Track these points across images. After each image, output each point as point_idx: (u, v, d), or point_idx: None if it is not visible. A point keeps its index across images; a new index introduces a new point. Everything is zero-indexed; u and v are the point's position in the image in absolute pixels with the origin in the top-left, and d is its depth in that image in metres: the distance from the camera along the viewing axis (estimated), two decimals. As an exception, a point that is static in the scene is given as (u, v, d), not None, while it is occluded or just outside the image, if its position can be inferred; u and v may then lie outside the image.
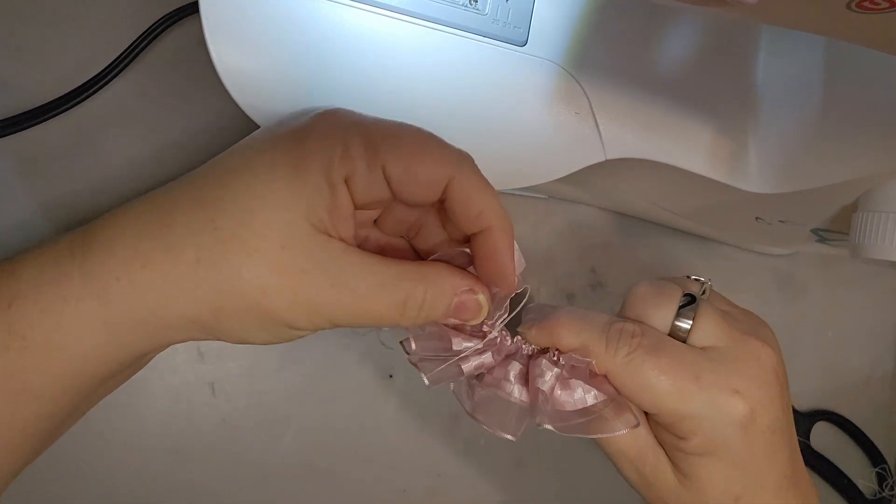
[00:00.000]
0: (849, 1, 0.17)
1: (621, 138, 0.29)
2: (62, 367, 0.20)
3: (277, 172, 0.20)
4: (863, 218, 0.27)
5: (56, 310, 0.20)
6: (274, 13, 0.25)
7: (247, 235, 0.20)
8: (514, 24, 0.28)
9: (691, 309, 0.25)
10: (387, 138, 0.21)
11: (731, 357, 0.25)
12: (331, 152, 0.21)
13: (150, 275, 0.20)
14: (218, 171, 0.21)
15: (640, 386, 0.24)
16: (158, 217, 0.21)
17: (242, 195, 0.20)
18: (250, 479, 0.33)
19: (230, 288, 0.20)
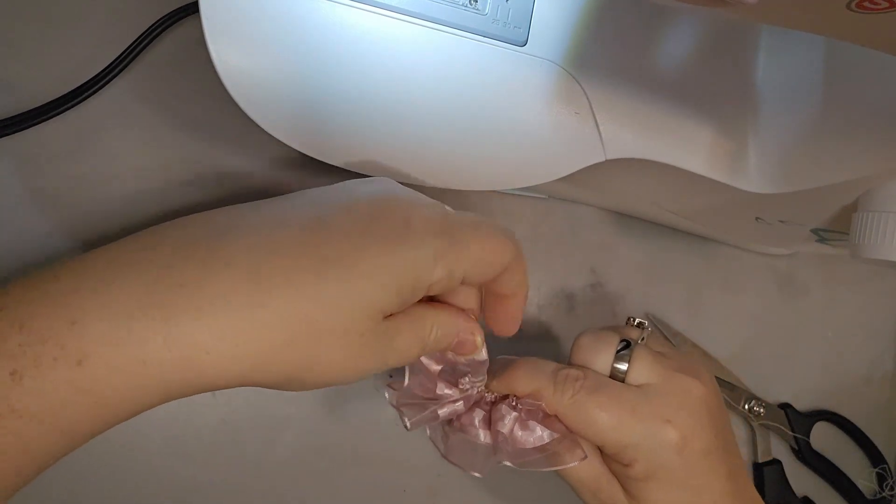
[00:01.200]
0: (849, 1, 0.17)
1: (621, 138, 0.29)
2: (123, 417, 0.20)
3: (374, 274, 0.22)
4: (863, 218, 0.27)
5: (133, 373, 0.19)
6: (274, 13, 0.25)
7: (335, 326, 0.22)
8: (514, 24, 0.28)
9: (627, 353, 0.29)
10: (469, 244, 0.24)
11: (663, 391, 0.28)
12: (425, 265, 0.23)
13: (242, 352, 0.20)
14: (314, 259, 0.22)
15: (585, 422, 0.27)
16: (252, 295, 0.21)
17: (337, 291, 0.21)
18: (250, 480, 0.33)
19: (309, 366, 0.22)
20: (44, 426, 0.19)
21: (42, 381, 0.19)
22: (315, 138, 0.27)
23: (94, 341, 0.19)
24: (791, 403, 0.44)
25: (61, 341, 0.19)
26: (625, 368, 0.29)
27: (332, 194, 0.24)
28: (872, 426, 0.45)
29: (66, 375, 0.19)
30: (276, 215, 0.23)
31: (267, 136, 0.27)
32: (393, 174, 0.29)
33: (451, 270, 0.23)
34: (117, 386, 0.19)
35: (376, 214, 0.23)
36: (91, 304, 0.19)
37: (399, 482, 0.36)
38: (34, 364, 0.18)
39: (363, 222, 0.23)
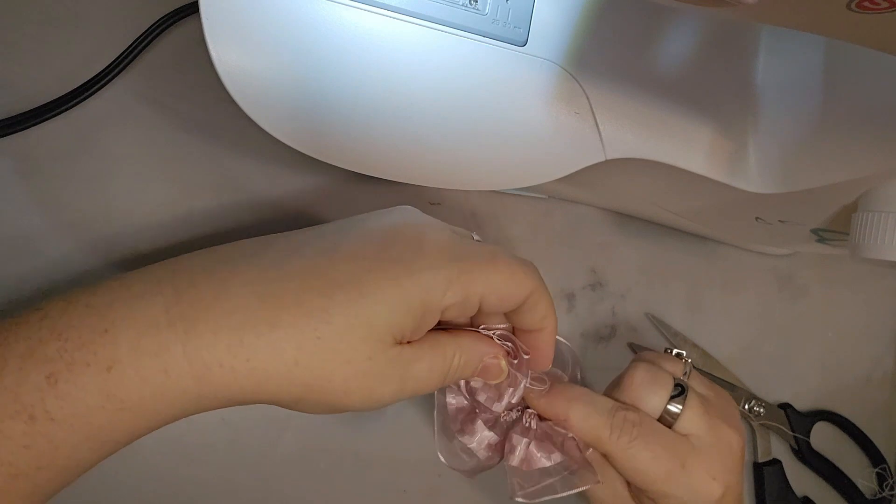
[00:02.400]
0: (849, 1, 0.17)
1: (621, 138, 0.29)
2: (149, 426, 0.22)
3: (380, 294, 0.22)
4: (863, 218, 0.27)
5: (156, 381, 0.21)
6: (274, 13, 0.25)
7: (344, 347, 0.22)
8: (514, 24, 0.28)
9: (682, 398, 0.29)
10: (483, 270, 0.24)
11: (709, 444, 0.29)
12: (435, 288, 0.23)
13: (253, 369, 0.21)
14: (324, 281, 0.22)
15: (636, 469, 0.28)
16: (264, 313, 0.22)
17: (346, 311, 0.22)
18: (250, 480, 0.33)
19: (319, 387, 0.22)
20: (74, 431, 0.20)
21: (74, 384, 0.20)
22: (315, 138, 0.27)
23: (123, 349, 0.20)
24: (791, 403, 0.44)
25: (94, 347, 0.20)
26: (677, 412, 0.29)
27: (351, 224, 0.25)
28: (872, 426, 0.45)
29: (96, 380, 0.20)
30: (296, 244, 0.24)
31: (267, 136, 0.27)
32: (393, 174, 0.29)
33: (465, 295, 0.24)
34: (142, 393, 0.21)
35: (388, 239, 0.24)
36: (122, 316, 0.21)
37: (399, 482, 0.36)
38: (68, 368, 0.20)
39: (374, 247, 0.23)
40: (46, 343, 0.20)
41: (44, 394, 0.20)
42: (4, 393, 0.19)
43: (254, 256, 0.23)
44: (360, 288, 0.22)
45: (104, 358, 0.20)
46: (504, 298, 0.25)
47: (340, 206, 0.35)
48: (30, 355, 0.20)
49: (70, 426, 0.20)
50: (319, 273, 0.23)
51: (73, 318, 0.21)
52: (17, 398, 0.20)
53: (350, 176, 0.35)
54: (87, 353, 0.20)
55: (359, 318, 0.22)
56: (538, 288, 0.26)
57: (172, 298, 0.22)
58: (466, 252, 0.24)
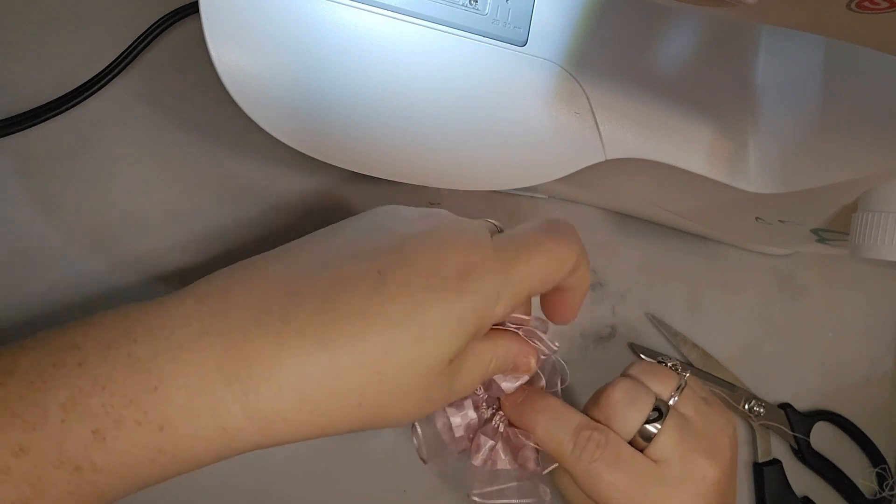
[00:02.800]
0: (849, 1, 0.17)
1: (621, 138, 0.29)
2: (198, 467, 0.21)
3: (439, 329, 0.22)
4: (863, 218, 0.27)
5: (213, 438, 0.21)
6: (274, 13, 0.25)
7: (404, 384, 0.22)
8: (514, 24, 0.28)
9: (659, 422, 0.28)
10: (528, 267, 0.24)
11: (680, 475, 0.28)
12: (487, 306, 0.23)
13: (316, 418, 0.22)
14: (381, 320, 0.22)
15: (596, 492, 0.27)
16: (321, 360, 0.21)
17: (405, 350, 0.22)
18: (250, 479, 0.33)
19: (376, 419, 0.23)
20: (121, 480, 0.20)
21: (124, 442, 0.20)
22: (315, 138, 0.27)
23: (176, 409, 0.20)
24: (791, 403, 0.44)
25: (144, 406, 0.20)
26: (654, 432, 0.28)
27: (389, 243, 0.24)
28: (872, 426, 0.45)
29: (148, 439, 0.20)
30: (336, 276, 0.22)
31: (267, 136, 0.26)
32: (393, 174, 0.29)
33: (515, 299, 0.24)
34: (197, 450, 0.21)
35: (436, 267, 0.23)
36: (171, 371, 0.20)
37: (399, 482, 0.36)
38: (116, 426, 0.19)
39: (423, 277, 0.23)
40: (89, 395, 0.19)
41: (90, 449, 0.19)
42: (47, 442, 0.19)
43: (299, 296, 0.22)
44: (417, 325, 0.22)
45: (155, 417, 0.20)
46: (553, 281, 0.25)
47: (340, 206, 0.35)
48: (73, 407, 0.19)
49: (117, 477, 0.20)
50: (374, 313, 0.22)
51: (115, 370, 0.20)
52: (61, 450, 0.19)
53: (350, 176, 0.35)
54: (137, 412, 0.20)
55: (420, 353, 0.22)
56: (580, 257, 0.26)
57: (225, 352, 0.21)
58: (508, 258, 0.24)
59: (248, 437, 0.21)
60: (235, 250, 0.33)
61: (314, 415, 0.21)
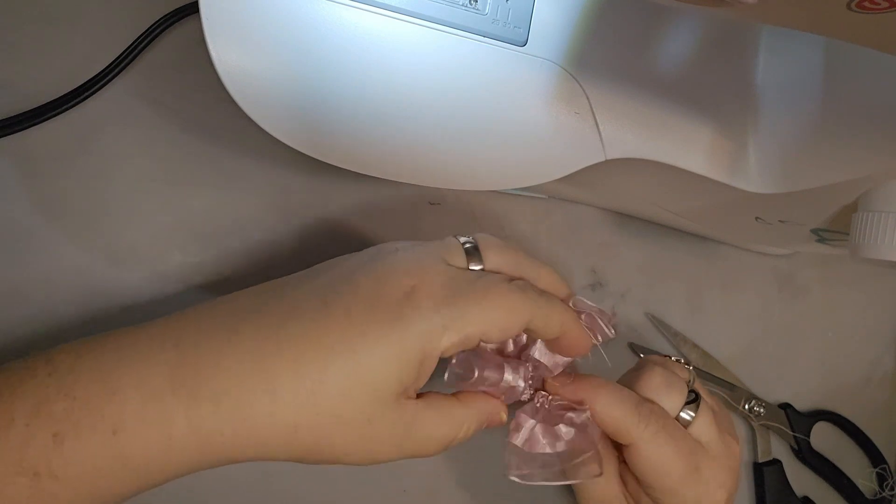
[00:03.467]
0: (849, 1, 0.17)
1: (621, 138, 0.29)
2: (151, 483, 0.22)
3: (378, 356, 0.22)
4: (863, 218, 0.27)
5: (160, 446, 0.21)
6: (274, 13, 0.25)
7: (343, 412, 0.22)
8: (514, 24, 0.28)
9: (695, 405, 0.29)
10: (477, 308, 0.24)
11: (719, 453, 0.29)
12: (431, 336, 0.23)
13: (255, 439, 0.22)
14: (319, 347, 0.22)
15: (656, 463, 0.27)
16: (260, 381, 0.22)
17: (343, 377, 0.22)
18: (250, 479, 0.33)
19: (319, 450, 0.23)
20: (77, 491, 0.21)
21: (80, 445, 0.20)
22: (315, 138, 0.27)
23: (128, 414, 0.21)
24: (791, 403, 0.44)
25: (101, 410, 0.21)
26: (688, 419, 0.29)
27: (340, 273, 0.25)
28: (872, 426, 0.45)
29: (101, 442, 0.21)
30: (289, 303, 0.24)
31: (267, 136, 0.27)
32: (393, 174, 0.29)
33: (462, 336, 0.23)
34: (147, 456, 0.21)
35: (378, 294, 0.23)
36: (128, 379, 0.21)
37: (399, 482, 0.36)
38: (74, 429, 0.20)
39: (365, 304, 0.23)
40: (54, 401, 0.20)
41: (49, 453, 0.20)
42: (10, 451, 0.20)
43: (247, 320, 0.23)
44: (354, 353, 0.22)
45: (110, 421, 0.21)
46: (505, 329, 0.24)
47: (340, 206, 0.35)
48: (36, 413, 0.20)
49: (74, 485, 0.20)
50: (314, 339, 0.22)
51: (80, 376, 0.21)
52: (23, 456, 0.20)
53: (350, 176, 0.35)
54: (94, 415, 0.21)
55: (356, 383, 0.22)
56: (538, 307, 0.25)
57: (176, 362, 0.22)
58: (458, 293, 0.24)
59: (193, 449, 0.22)
60: (235, 250, 0.33)
61: (250, 433, 0.22)
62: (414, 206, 0.36)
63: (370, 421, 0.23)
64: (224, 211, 0.33)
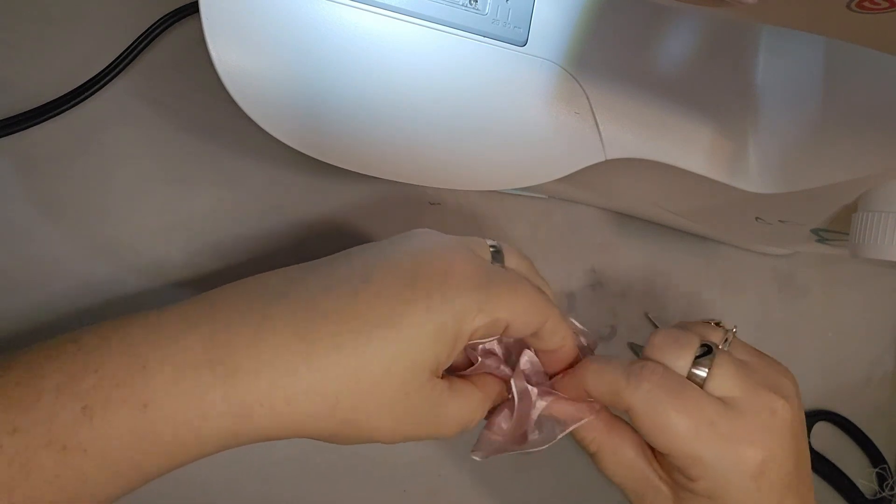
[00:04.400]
0: (849, 1, 0.17)
1: (621, 138, 0.29)
2: (180, 462, 0.22)
3: (419, 331, 0.23)
4: (863, 218, 0.27)
5: (193, 423, 0.21)
6: (274, 13, 0.25)
7: (383, 386, 0.23)
8: (514, 24, 0.28)
9: (708, 359, 0.26)
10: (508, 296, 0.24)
11: (747, 408, 0.25)
12: (466, 314, 0.23)
13: (293, 410, 0.22)
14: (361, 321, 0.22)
15: (659, 424, 0.25)
16: (300, 353, 0.22)
17: (384, 351, 0.22)
18: (250, 478, 0.33)
19: (356, 422, 0.23)
20: (104, 466, 0.20)
21: (109, 420, 0.20)
22: (315, 138, 0.27)
23: (160, 389, 0.21)
24: (791, 403, 0.44)
25: (132, 386, 0.20)
26: (704, 375, 0.26)
27: (376, 252, 0.25)
28: (872, 426, 0.45)
29: (131, 418, 0.20)
30: (324, 280, 0.24)
31: (267, 136, 0.27)
32: (393, 174, 0.29)
33: (494, 318, 0.24)
34: (177, 433, 0.21)
35: (418, 271, 0.24)
36: (159, 355, 0.21)
37: (399, 482, 0.36)
38: (104, 404, 0.20)
39: (405, 280, 0.23)
40: (82, 377, 0.20)
41: (78, 426, 0.20)
42: (38, 424, 0.20)
43: (284, 297, 0.23)
44: (396, 327, 0.22)
45: (141, 396, 0.20)
46: (527, 323, 0.25)
47: (340, 206, 0.35)
48: (65, 388, 0.20)
49: (101, 460, 0.20)
50: (355, 313, 0.23)
51: (109, 353, 0.21)
52: (50, 429, 0.20)
53: (350, 175, 0.35)
54: (124, 391, 0.20)
55: (397, 356, 0.22)
56: (555, 314, 0.26)
57: (209, 340, 0.22)
58: (491, 278, 0.25)
59: (227, 424, 0.21)
60: (235, 250, 0.33)
61: (288, 406, 0.22)
62: (414, 206, 0.36)
63: (407, 395, 0.23)
64: (224, 211, 0.33)
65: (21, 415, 0.20)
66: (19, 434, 0.19)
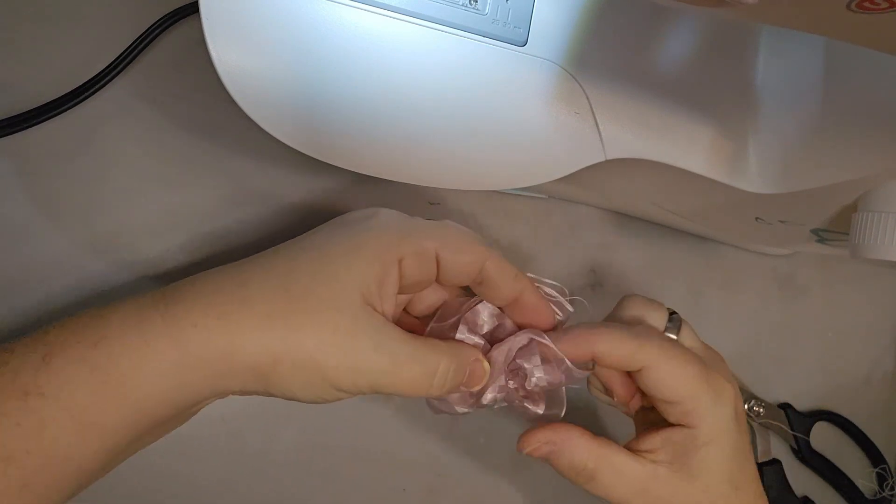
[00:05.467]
0: (849, 1, 0.17)
1: (621, 138, 0.29)
2: (133, 403, 0.22)
3: (338, 250, 0.25)
4: (862, 218, 0.27)
5: (137, 350, 0.22)
6: (274, 13, 0.25)
7: (311, 300, 0.23)
8: (514, 24, 0.28)
9: (675, 323, 0.30)
10: (435, 231, 0.26)
11: (710, 357, 0.30)
12: (389, 239, 0.25)
13: (225, 323, 0.23)
14: (291, 250, 0.25)
15: (675, 373, 0.27)
16: (235, 279, 0.24)
17: (309, 267, 0.24)
18: (250, 478, 0.33)
19: (293, 341, 0.23)
20: (60, 408, 0.21)
21: (64, 360, 0.22)
22: (315, 138, 0.27)
23: (111, 327, 0.22)
24: (791, 403, 0.44)
25: (86, 331, 0.22)
26: (676, 336, 0.29)
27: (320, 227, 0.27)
28: (872, 426, 0.45)
29: (83, 354, 0.22)
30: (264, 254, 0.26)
31: (267, 136, 0.27)
32: (393, 174, 0.29)
33: (419, 245, 0.25)
34: (123, 364, 0.22)
35: (344, 219, 0.27)
36: (114, 307, 0.23)
37: (399, 481, 0.36)
38: (61, 348, 0.22)
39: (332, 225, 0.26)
40: (48, 333, 0.22)
41: (38, 371, 0.21)
42: (7, 374, 0.21)
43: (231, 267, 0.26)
44: (321, 250, 0.25)
45: (93, 335, 0.22)
46: (458, 254, 0.26)
47: (340, 206, 0.35)
48: (32, 342, 0.22)
49: (56, 401, 0.21)
50: (287, 249, 0.25)
51: (76, 319, 0.23)
52: (15, 378, 0.21)
53: (350, 176, 0.35)
54: (79, 335, 0.22)
55: (321, 274, 0.24)
56: (492, 253, 0.27)
57: (159, 293, 0.24)
58: (415, 220, 0.27)
59: (166, 351, 0.22)
60: (235, 250, 0.33)
61: (223, 321, 0.23)
62: (414, 206, 0.36)
63: (339, 311, 0.23)
64: (224, 211, 0.33)
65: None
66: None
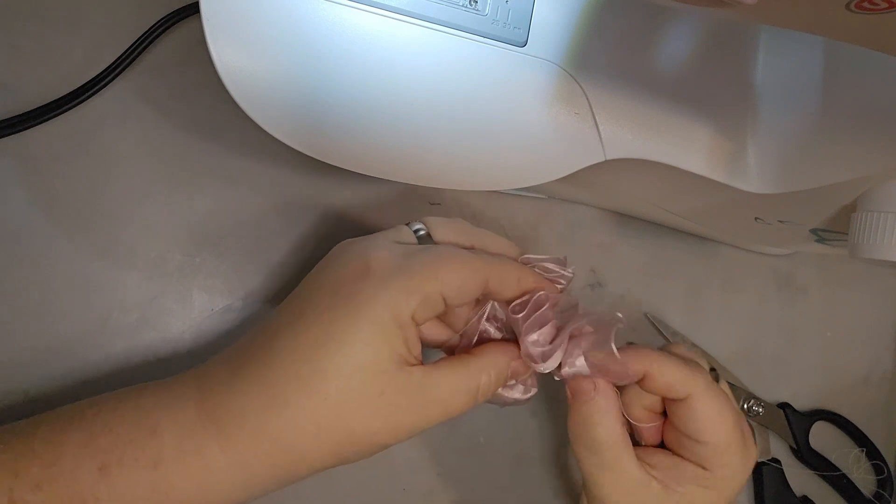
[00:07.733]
0: (848, 1, 0.17)
1: (621, 138, 0.29)
2: None
3: (356, 338, 0.24)
4: (862, 218, 0.27)
5: (199, 477, 0.23)
6: (274, 13, 0.25)
7: (354, 396, 0.23)
8: (514, 24, 0.28)
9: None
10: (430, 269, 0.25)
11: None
12: (396, 301, 0.24)
13: (281, 447, 0.23)
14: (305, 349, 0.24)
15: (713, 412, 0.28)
16: (274, 393, 0.23)
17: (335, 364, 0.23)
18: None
19: (348, 441, 0.24)
20: None
21: (124, 477, 0.22)
22: (315, 138, 0.27)
23: (168, 448, 0.23)
24: (790, 403, 0.44)
25: (142, 445, 0.23)
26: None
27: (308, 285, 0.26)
28: (871, 426, 0.45)
29: (144, 476, 0.22)
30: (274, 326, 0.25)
31: (267, 136, 0.27)
32: (393, 174, 0.29)
33: (424, 294, 0.24)
34: (186, 487, 0.23)
35: (338, 282, 0.25)
36: (164, 417, 0.23)
37: (399, 481, 0.36)
38: (119, 462, 0.22)
39: (329, 296, 0.25)
40: (99, 436, 0.22)
41: (96, 484, 0.22)
42: (61, 478, 0.21)
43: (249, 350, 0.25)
44: (335, 340, 0.23)
45: (151, 455, 0.22)
46: (463, 287, 0.25)
47: (340, 206, 0.35)
48: (85, 446, 0.22)
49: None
50: (300, 346, 0.24)
51: (123, 415, 0.23)
52: (71, 484, 0.21)
53: (350, 176, 0.35)
54: (136, 449, 0.22)
55: (349, 364, 0.23)
56: (492, 265, 0.26)
57: (199, 398, 0.24)
58: (411, 260, 0.25)
59: (231, 475, 0.23)
60: (235, 250, 0.33)
61: (278, 444, 0.23)
62: (414, 206, 0.36)
63: (381, 393, 0.24)
64: (224, 211, 0.33)
65: (44, 470, 0.21)
66: (42, 491, 0.21)
